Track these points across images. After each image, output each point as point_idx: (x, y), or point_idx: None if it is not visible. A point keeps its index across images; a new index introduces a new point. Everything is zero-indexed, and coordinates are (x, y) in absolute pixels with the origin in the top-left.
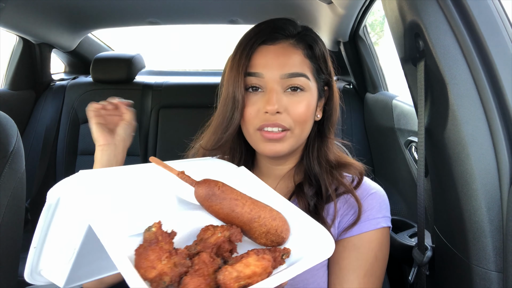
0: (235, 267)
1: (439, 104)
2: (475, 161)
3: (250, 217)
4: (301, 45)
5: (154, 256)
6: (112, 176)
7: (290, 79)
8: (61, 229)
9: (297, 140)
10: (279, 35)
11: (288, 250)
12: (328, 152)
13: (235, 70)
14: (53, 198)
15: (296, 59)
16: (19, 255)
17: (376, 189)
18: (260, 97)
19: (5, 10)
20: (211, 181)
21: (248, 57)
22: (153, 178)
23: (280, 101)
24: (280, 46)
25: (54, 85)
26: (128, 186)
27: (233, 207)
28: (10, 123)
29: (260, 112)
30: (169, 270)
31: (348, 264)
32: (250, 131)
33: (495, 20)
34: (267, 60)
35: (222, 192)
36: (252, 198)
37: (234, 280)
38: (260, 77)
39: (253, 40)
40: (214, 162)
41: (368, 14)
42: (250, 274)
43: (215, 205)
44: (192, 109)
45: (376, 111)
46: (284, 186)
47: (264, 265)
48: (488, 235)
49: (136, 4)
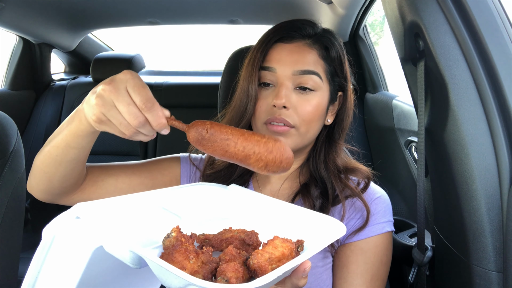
0: (265, 249)
1: (439, 104)
2: (475, 161)
3: (244, 154)
4: (317, 46)
5: (181, 257)
6: (110, 205)
7: (302, 76)
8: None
9: (302, 139)
10: (296, 34)
11: (302, 242)
12: (336, 157)
13: (250, 65)
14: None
15: (310, 58)
16: (19, 255)
17: (381, 194)
18: (270, 92)
19: (5, 10)
20: (199, 123)
21: (264, 53)
22: (151, 203)
23: (288, 97)
24: (295, 45)
25: (54, 85)
26: (128, 212)
27: (225, 148)
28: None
29: (269, 106)
30: (199, 268)
31: (356, 268)
32: (258, 125)
33: (495, 20)
34: (281, 56)
35: (211, 135)
36: (245, 134)
37: (268, 262)
38: (273, 72)
39: (270, 37)
40: (203, 188)
41: (368, 14)
42: (280, 256)
43: (208, 148)
44: (192, 109)
45: (376, 111)
46: (288, 187)
47: (289, 247)
48: (488, 235)
49: (136, 4)
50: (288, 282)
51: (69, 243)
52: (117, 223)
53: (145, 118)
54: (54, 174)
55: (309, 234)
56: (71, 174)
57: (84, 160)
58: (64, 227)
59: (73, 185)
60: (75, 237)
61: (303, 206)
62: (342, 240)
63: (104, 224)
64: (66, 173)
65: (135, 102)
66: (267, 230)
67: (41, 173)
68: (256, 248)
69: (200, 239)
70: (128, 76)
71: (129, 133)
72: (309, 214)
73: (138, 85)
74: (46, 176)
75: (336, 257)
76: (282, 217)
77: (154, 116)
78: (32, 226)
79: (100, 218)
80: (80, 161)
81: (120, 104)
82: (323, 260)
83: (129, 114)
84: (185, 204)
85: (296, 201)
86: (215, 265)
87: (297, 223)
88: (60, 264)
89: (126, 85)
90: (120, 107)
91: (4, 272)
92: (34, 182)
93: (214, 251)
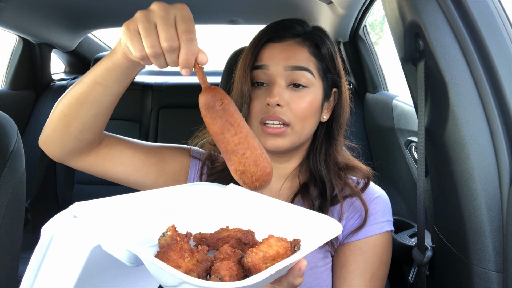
0: (259, 248)
1: (439, 104)
2: (475, 161)
3: (234, 148)
4: (307, 43)
5: (176, 256)
6: (108, 205)
7: (294, 72)
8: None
9: (298, 137)
10: (285, 33)
11: (299, 241)
12: (336, 154)
13: (243, 66)
14: (47, 235)
15: (301, 55)
16: (19, 255)
17: (380, 193)
18: (264, 91)
19: (5, 10)
20: (219, 92)
21: (255, 53)
22: (149, 203)
23: (281, 95)
24: (286, 43)
25: (54, 85)
26: (125, 212)
27: (224, 130)
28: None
29: (263, 105)
30: (194, 267)
31: (355, 268)
32: (254, 125)
33: (495, 20)
34: (273, 54)
35: (222, 110)
36: (249, 134)
37: (262, 260)
38: (265, 69)
39: (260, 38)
40: (201, 187)
41: (368, 14)
42: (275, 255)
43: (209, 117)
44: (192, 109)
45: (376, 111)
46: (288, 187)
47: (284, 246)
48: (488, 235)
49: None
50: (284, 281)
51: (67, 242)
52: (114, 222)
53: (178, 46)
54: (74, 118)
55: (305, 233)
56: (90, 125)
57: (106, 112)
58: (62, 226)
59: (89, 143)
60: (73, 236)
61: (302, 206)
62: (342, 240)
63: (101, 223)
64: (85, 121)
65: (177, 29)
66: (263, 229)
67: (61, 116)
68: (253, 247)
69: (196, 238)
70: (183, 7)
71: (151, 52)
72: (305, 213)
73: (188, 17)
74: (65, 120)
75: (336, 257)
76: (279, 216)
77: (188, 49)
78: (32, 226)
79: (98, 217)
80: (102, 108)
81: (162, 23)
82: (323, 259)
83: (166, 33)
84: (183, 203)
85: (296, 201)
86: (210, 264)
87: (294, 222)
88: (59, 263)
89: (177, 12)
90: (161, 26)
91: (4, 272)
92: (50, 131)
93: (211, 250)
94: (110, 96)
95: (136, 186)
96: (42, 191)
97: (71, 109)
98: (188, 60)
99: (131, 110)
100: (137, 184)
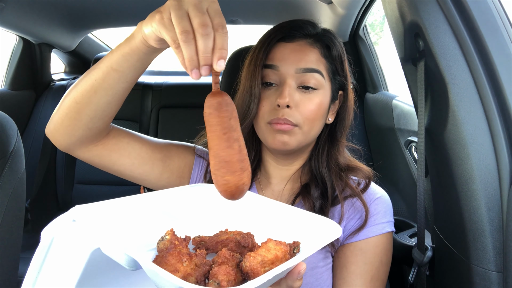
0: (257, 252)
1: (439, 104)
2: (475, 161)
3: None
4: (318, 44)
5: (174, 260)
6: (107, 208)
7: (305, 74)
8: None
9: (305, 137)
10: (297, 33)
11: (298, 243)
12: (338, 155)
13: (253, 64)
14: (47, 238)
15: (313, 56)
16: (19, 255)
17: (381, 194)
18: (273, 91)
19: (5, 10)
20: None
21: (266, 52)
22: (148, 206)
23: (292, 96)
24: (297, 43)
25: (54, 85)
26: (125, 214)
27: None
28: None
29: (272, 106)
30: (192, 271)
31: (356, 269)
32: (262, 125)
33: (495, 20)
34: (284, 55)
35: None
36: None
37: (260, 264)
38: (276, 70)
39: (271, 37)
40: (201, 189)
41: (368, 14)
42: (273, 259)
43: (206, 122)
44: (192, 109)
45: (376, 111)
46: (290, 188)
47: (283, 250)
48: (488, 235)
49: (136, 4)
50: (283, 283)
51: (67, 245)
52: (114, 225)
53: (212, 32)
54: (86, 104)
55: (304, 235)
56: (102, 112)
57: (118, 100)
58: (62, 229)
59: (98, 132)
60: (73, 239)
61: (303, 207)
62: (342, 240)
63: (101, 226)
64: (98, 108)
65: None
66: (263, 231)
67: (72, 103)
68: (252, 250)
69: (195, 241)
70: (215, 1)
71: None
72: (305, 215)
73: (220, 11)
74: (77, 107)
75: (336, 258)
76: (279, 218)
77: (224, 40)
78: (32, 226)
79: (98, 220)
80: (115, 95)
81: (196, 9)
82: (323, 260)
83: (199, 19)
84: (182, 205)
85: (297, 202)
86: (208, 268)
87: (293, 224)
88: (59, 266)
89: (210, 4)
90: (194, 12)
91: (4, 272)
92: (59, 118)
93: (210, 253)
94: (125, 83)
95: (139, 181)
96: (42, 191)
97: (84, 96)
98: (223, 50)
99: (131, 110)
100: (141, 179)
